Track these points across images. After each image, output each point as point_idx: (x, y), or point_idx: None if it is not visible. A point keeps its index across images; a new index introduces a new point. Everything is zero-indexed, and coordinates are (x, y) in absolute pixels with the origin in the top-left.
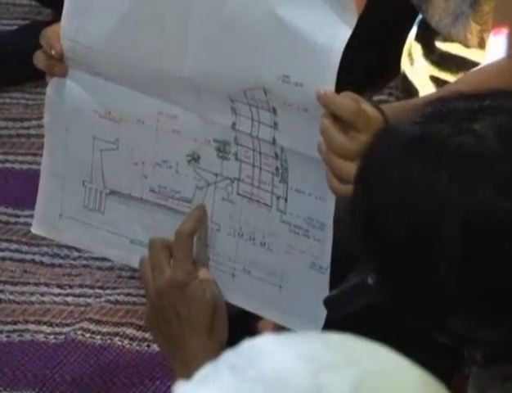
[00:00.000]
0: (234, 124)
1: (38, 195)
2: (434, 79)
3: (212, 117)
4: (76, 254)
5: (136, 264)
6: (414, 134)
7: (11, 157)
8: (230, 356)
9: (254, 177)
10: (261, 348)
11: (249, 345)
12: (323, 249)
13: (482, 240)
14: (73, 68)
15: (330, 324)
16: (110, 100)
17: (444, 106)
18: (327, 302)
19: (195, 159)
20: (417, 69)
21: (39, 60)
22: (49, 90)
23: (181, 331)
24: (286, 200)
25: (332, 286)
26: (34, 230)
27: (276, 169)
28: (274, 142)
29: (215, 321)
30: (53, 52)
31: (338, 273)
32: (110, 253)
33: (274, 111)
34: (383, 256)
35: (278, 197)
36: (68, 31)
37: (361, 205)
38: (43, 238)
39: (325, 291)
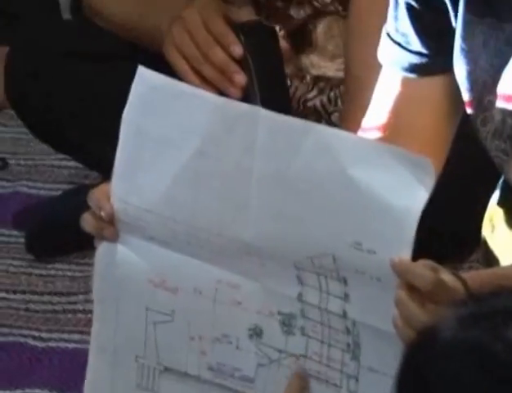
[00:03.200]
0: (300, 294)
1: (87, 372)
2: None
3: (276, 287)
4: None
5: None
6: (451, 339)
7: (55, 335)
8: None
9: (323, 354)
10: None
11: None
12: None
13: None
14: (124, 232)
15: None
16: (165, 267)
17: (484, 306)
18: None
19: (257, 333)
20: (499, 236)
21: (87, 222)
22: (98, 256)
23: None
24: (358, 379)
25: None
26: None
27: (347, 345)
28: (345, 315)
29: None
30: (103, 214)
31: None
32: None
33: (344, 281)
34: None
35: (349, 377)
36: (119, 191)
37: None
38: None
39: None
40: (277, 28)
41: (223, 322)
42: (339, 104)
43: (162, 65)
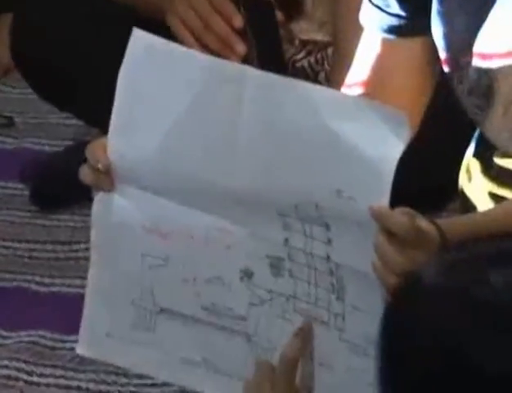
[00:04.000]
0: (286, 239)
1: (84, 314)
2: (493, 196)
3: (263, 233)
4: (124, 380)
5: (187, 385)
6: (433, 284)
7: (57, 280)
8: None
9: (310, 294)
10: None
11: None
12: None
13: None
14: (120, 182)
15: None
16: (159, 215)
17: (464, 252)
18: None
19: (247, 275)
20: (475, 185)
21: (85, 174)
22: (96, 205)
23: None
24: (344, 317)
25: None
26: (79, 350)
27: (332, 285)
28: (328, 258)
29: None
30: (100, 166)
31: None
32: (160, 373)
33: (327, 227)
34: None
35: (336, 315)
36: (115, 144)
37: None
38: (90, 363)
39: None
40: None
41: (215, 265)
42: (325, 64)
43: (158, 30)
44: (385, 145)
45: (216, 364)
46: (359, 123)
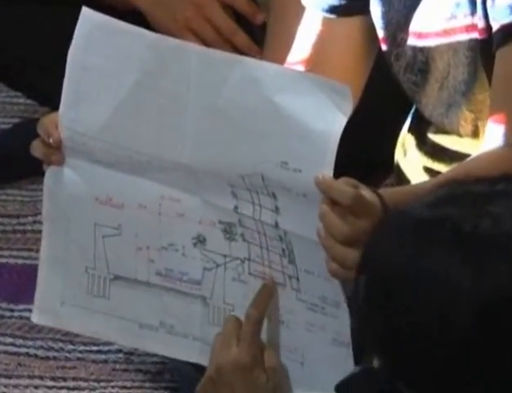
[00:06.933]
0: (236, 207)
1: (38, 284)
2: (428, 170)
3: (214, 201)
4: (71, 347)
5: (147, 349)
6: (424, 217)
7: (5, 252)
8: None
9: (264, 257)
10: None
11: None
12: (342, 325)
13: (499, 326)
14: (71, 156)
15: None
16: (111, 186)
17: (456, 188)
18: (338, 387)
19: (200, 241)
20: (410, 160)
21: (36, 148)
22: (47, 179)
23: None
24: (298, 279)
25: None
26: (35, 319)
27: (283, 250)
28: (277, 225)
29: None
30: (51, 141)
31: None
32: (119, 338)
33: (274, 196)
34: (390, 347)
35: (290, 277)
36: (66, 120)
37: (365, 295)
38: (38, 331)
39: (350, 366)
40: None
41: (168, 232)
42: None
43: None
44: (329, 117)
45: (173, 326)
46: (303, 96)
